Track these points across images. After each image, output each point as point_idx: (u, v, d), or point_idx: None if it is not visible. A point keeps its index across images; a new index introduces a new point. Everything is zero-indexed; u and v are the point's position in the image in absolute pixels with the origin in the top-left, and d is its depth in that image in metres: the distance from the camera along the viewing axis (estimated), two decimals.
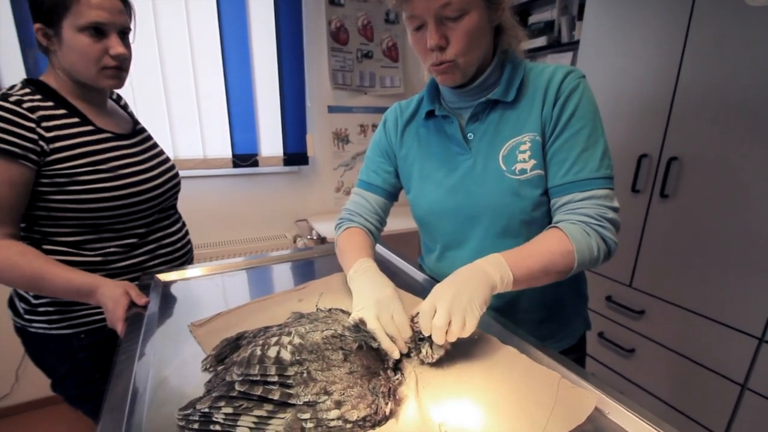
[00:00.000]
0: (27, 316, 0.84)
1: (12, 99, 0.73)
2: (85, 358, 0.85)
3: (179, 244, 0.98)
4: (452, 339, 0.51)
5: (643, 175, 1.34)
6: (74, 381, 0.89)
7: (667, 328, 1.33)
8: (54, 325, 0.83)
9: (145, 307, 0.72)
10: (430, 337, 0.52)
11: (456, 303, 0.52)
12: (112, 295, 0.73)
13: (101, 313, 0.82)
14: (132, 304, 0.73)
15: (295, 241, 2.20)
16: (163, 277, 0.86)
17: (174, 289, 0.81)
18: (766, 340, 1.09)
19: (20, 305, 0.85)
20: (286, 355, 0.45)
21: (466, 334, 0.51)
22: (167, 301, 0.76)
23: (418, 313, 0.55)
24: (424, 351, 0.53)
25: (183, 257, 0.99)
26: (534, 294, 0.74)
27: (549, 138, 0.66)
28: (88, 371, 0.86)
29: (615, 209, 0.64)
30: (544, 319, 0.77)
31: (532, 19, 1.97)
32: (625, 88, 1.36)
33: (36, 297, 0.83)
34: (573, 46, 1.79)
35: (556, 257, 0.59)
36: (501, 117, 0.69)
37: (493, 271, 0.56)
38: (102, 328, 0.84)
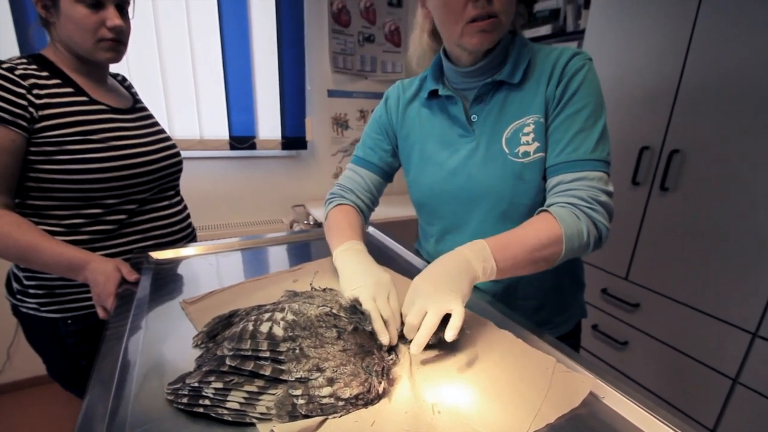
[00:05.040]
0: (19, 297, 0.83)
1: (5, 66, 0.72)
2: (71, 344, 0.84)
3: (175, 228, 0.95)
4: (423, 337, 0.48)
5: (644, 168, 1.32)
6: (63, 365, 0.88)
7: (661, 321, 1.33)
8: (43, 308, 0.82)
9: (136, 284, 0.71)
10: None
11: (433, 298, 0.50)
12: (104, 270, 0.72)
13: (89, 299, 0.81)
14: (123, 281, 0.72)
15: (291, 227, 2.19)
16: (156, 255, 0.84)
17: (167, 268, 0.80)
18: (759, 335, 1.09)
19: (14, 285, 0.84)
20: (278, 331, 0.44)
21: (449, 335, 0.47)
22: (160, 279, 0.75)
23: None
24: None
25: (179, 242, 0.96)
26: (532, 280, 0.74)
27: (550, 117, 0.65)
28: (75, 357, 0.85)
29: (608, 193, 0.61)
30: (541, 305, 0.77)
31: (538, 6, 1.93)
32: (629, 79, 1.34)
33: (27, 278, 0.81)
34: (578, 35, 1.76)
35: (543, 243, 0.57)
36: (506, 98, 0.68)
37: (475, 261, 0.54)
38: (89, 315, 0.83)
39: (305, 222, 2.20)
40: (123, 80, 0.99)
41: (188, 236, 1.00)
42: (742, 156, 1.09)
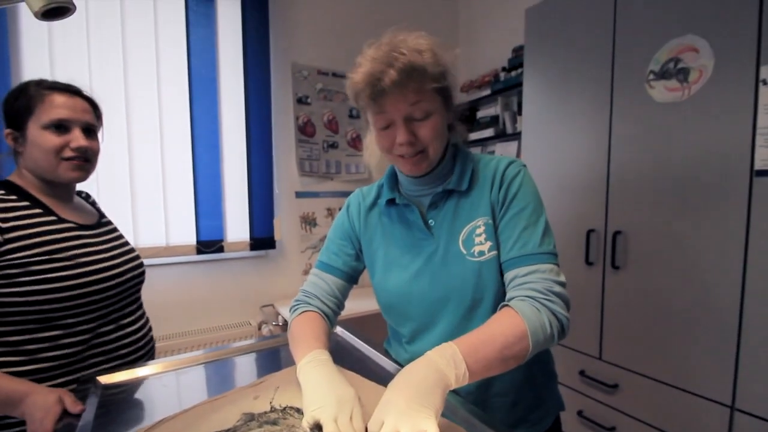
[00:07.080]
0: None
1: None
2: None
3: (138, 345, 0.90)
4: None
5: (593, 248, 1.42)
6: None
7: (640, 401, 1.31)
8: None
9: (79, 416, 0.64)
10: None
11: (406, 416, 0.46)
12: (44, 404, 0.65)
13: None
14: (64, 413, 0.65)
15: (260, 328, 2.09)
16: (105, 379, 0.77)
17: (117, 392, 0.74)
18: (736, 408, 1.09)
19: None
20: None
21: None
22: (107, 407, 0.68)
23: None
24: None
25: (140, 359, 0.91)
26: (504, 375, 0.73)
27: (498, 218, 0.71)
28: None
29: (561, 284, 0.65)
30: (516, 401, 0.75)
31: (480, 113, 2.22)
32: (566, 171, 1.51)
33: None
34: (516, 136, 2.00)
35: (510, 341, 0.57)
36: (457, 204, 0.75)
37: (447, 369, 0.52)
38: None
39: (274, 323, 2.11)
40: (87, 197, 1.01)
41: (147, 353, 0.94)
42: (675, 233, 1.20)
